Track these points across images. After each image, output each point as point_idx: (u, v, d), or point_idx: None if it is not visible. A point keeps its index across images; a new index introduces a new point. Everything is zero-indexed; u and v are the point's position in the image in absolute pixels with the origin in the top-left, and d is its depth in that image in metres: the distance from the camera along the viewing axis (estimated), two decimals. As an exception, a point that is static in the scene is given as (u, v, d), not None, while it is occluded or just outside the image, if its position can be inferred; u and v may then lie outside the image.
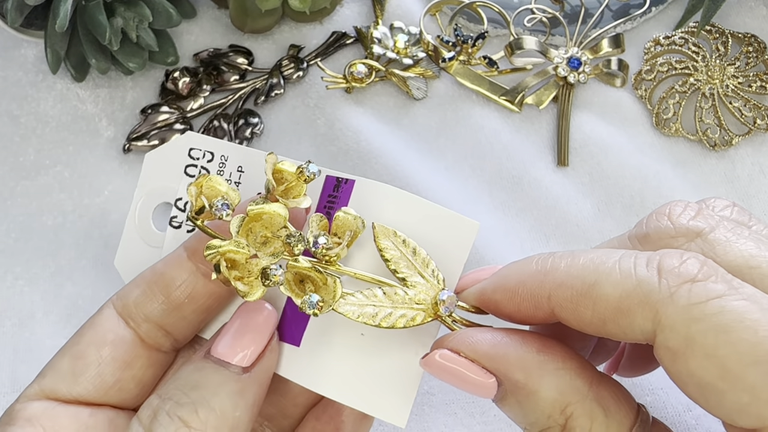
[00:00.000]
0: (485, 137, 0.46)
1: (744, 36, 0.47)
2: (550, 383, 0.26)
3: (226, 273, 0.28)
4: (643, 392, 0.39)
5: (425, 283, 0.29)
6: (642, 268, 0.24)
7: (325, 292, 0.29)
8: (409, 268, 0.30)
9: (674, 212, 0.28)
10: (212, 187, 0.29)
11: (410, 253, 0.30)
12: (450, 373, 0.27)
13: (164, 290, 0.30)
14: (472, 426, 0.39)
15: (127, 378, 0.30)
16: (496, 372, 0.26)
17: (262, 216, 0.28)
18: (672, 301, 0.23)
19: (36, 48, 0.47)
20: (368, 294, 0.29)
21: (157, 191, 0.35)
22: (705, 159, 0.46)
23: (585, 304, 0.25)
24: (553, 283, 0.26)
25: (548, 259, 0.27)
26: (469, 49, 0.47)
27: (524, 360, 0.26)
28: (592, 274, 0.25)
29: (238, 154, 0.34)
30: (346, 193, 0.32)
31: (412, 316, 0.29)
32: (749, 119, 0.46)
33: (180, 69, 0.46)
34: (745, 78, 0.46)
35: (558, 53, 0.47)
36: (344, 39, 0.48)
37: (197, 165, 0.34)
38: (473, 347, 0.27)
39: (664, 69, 0.47)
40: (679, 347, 0.23)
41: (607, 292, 0.24)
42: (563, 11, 0.48)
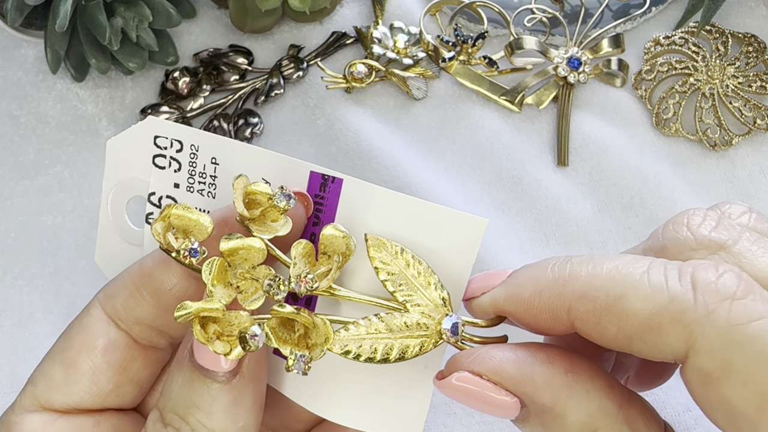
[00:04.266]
0: (485, 137, 0.46)
1: (744, 36, 0.47)
2: (578, 406, 0.24)
3: (201, 336, 0.26)
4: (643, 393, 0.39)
5: (428, 304, 0.27)
6: (675, 282, 0.22)
7: (316, 334, 0.26)
8: (409, 287, 0.27)
9: (693, 222, 0.25)
10: (180, 216, 0.27)
11: (409, 266, 0.27)
12: (470, 396, 0.25)
13: (154, 294, 0.28)
14: (471, 426, 0.39)
15: (124, 382, 0.29)
16: (521, 395, 0.24)
17: (238, 252, 0.26)
18: (709, 321, 0.21)
19: (36, 48, 0.47)
20: (365, 324, 0.27)
21: (127, 183, 0.32)
22: (705, 159, 0.46)
23: (609, 319, 0.23)
24: (574, 294, 0.24)
25: (566, 265, 0.24)
26: (469, 49, 0.47)
27: (552, 382, 0.24)
28: (618, 286, 0.23)
29: (210, 144, 0.31)
30: (335, 194, 0.29)
31: (416, 344, 0.27)
32: (749, 119, 0.46)
33: (180, 69, 0.46)
34: (745, 78, 0.46)
35: (558, 53, 0.47)
36: (344, 39, 0.48)
37: (166, 156, 0.31)
38: (497, 370, 0.25)
39: (664, 69, 0.47)
40: (714, 372, 0.21)
41: (636, 308, 0.22)
42: (563, 11, 0.48)
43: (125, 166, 0.32)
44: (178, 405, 0.27)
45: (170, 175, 0.31)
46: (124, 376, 0.29)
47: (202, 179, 0.31)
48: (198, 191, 0.31)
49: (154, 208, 0.32)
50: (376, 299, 0.27)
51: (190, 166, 0.31)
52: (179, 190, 0.31)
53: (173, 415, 0.27)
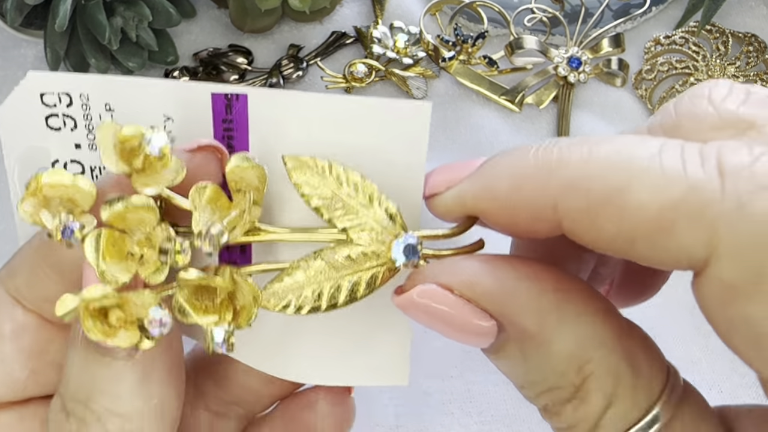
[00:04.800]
0: (485, 137, 0.46)
1: (744, 36, 0.47)
2: (568, 333, 0.19)
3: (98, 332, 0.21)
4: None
5: (374, 226, 0.22)
6: (695, 166, 0.17)
7: (241, 295, 0.22)
8: (346, 209, 0.22)
9: (717, 95, 0.20)
10: (54, 186, 0.22)
11: (341, 184, 0.22)
12: (435, 316, 0.21)
13: (57, 267, 0.24)
14: (469, 426, 0.39)
15: (43, 367, 0.25)
16: (500, 316, 0.20)
17: (126, 217, 0.22)
18: (741, 217, 0.16)
19: (35, 47, 0.47)
20: (302, 266, 0.22)
21: (28, 156, 0.28)
22: (705, 159, 0.46)
23: (607, 216, 0.18)
24: (562, 185, 0.19)
25: (552, 149, 0.19)
26: (469, 48, 0.47)
27: (538, 301, 0.20)
28: (620, 173, 0.18)
29: (98, 89, 0.26)
30: (242, 113, 0.24)
31: (369, 278, 0.22)
32: (750, 119, 0.45)
33: (179, 68, 0.46)
34: (746, 78, 0.46)
35: (558, 53, 0.47)
36: (344, 39, 0.48)
37: (58, 114, 0.26)
38: (471, 283, 0.20)
39: (664, 69, 0.47)
40: (742, 283, 0.16)
41: (643, 200, 0.17)
42: (563, 11, 0.48)
43: (22, 135, 0.27)
44: (78, 391, 0.23)
45: (68, 136, 0.27)
46: (41, 360, 0.25)
47: None
48: None
49: None
50: (310, 234, 0.23)
51: (86, 120, 0.26)
52: (81, 150, 0.27)
53: (75, 403, 0.23)
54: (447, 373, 0.40)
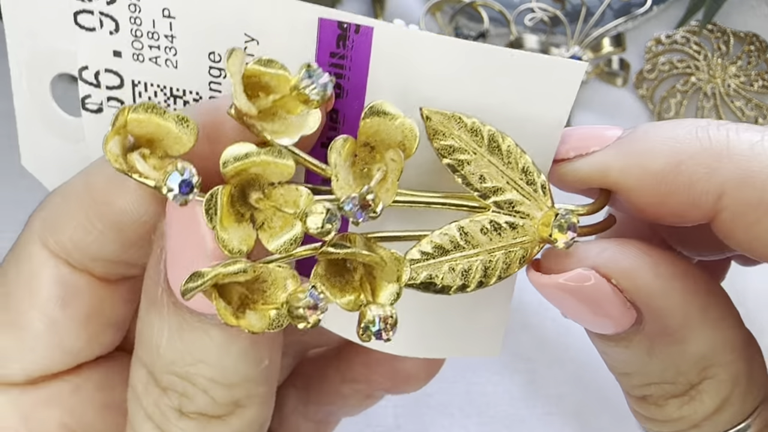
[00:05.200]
0: (486, 136, 0.45)
1: (745, 35, 0.47)
2: (705, 336, 0.19)
3: (229, 315, 0.18)
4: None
5: (524, 199, 0.20)
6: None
7: (382, 272, 0.19)
8: (493, 177, 0.19)
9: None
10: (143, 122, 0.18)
11: (488, 147, 0.19)
12: (582, 299, 0.19)
13: (114, 226, 0.21)
14: (468, 426, 0.39)
15: (97, 331, 0.23)
16: (648, 310, 0.19)
17: (249, 170, 0.18)
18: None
19: (35, 47, 0.47)
20: (443, 241, 0.19)
21: (44, 57, 0.23)
22: (706, 159, 0.46)
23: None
24: (733, 175, 0.17)
25: (723, 131, 0.18)
26: (469, 48, 0.46)
27: (691, 301, 0.19)
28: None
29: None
30: (362, 51, 0.20)
31: (516, 255, 0.20)
32: (751, 118, 0.45)
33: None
34: (747, 77, 0.46)
35: (559, 52, 0.46)
36: (344, 38, 0.48)
37: (93, 11, 0.21)
38: (633, 276, 0.19)
39: (665, 68, 0.47)
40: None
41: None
42: (564, 10, 0.47)
43: (37, 31, 0.22)
44: (174, 362, 0.20)
45: (105, 39, 0.22)
46: (94, 325, 0.23)
47: (153, 41, 0.22)
48: (151, 59, 0.22)
49: (92, 89, 0.23)
50: (459, 199, 0.20)
51: (133, 24, 0.22)
52: (122, 60, 0.22)
53: (172, 376, 0.20)
54: (447, 374, 0.40)
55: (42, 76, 0.23)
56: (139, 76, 0.22)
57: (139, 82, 0.22)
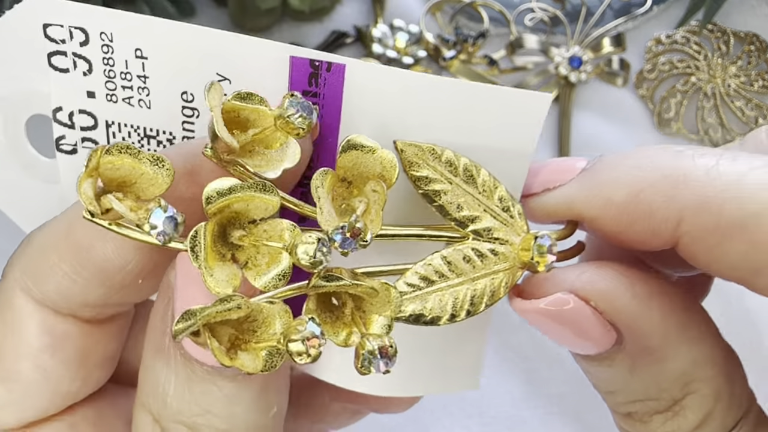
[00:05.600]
0: (486, 136, 0.45)
1: (746, 35, 0.47)
2: (685, 353, 0.19)
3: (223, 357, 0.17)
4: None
5: (501, 226, 0.20)
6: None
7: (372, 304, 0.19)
8: (470, 206, 0.19)
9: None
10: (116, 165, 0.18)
11: (465, 177, 0.19)
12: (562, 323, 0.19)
13: (99, 274, 0.20)
14: (470, 427, 0.39)
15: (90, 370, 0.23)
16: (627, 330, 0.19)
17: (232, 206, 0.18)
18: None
19: (35, 46, 0.47)
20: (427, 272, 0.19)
21: (18, 99, 0.23)
22: (706, 159, 0.46)
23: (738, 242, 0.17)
24: (691, 202, 0.17)
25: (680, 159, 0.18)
26: (469, 47, 0.46)
27: (669, 320, 0.19)
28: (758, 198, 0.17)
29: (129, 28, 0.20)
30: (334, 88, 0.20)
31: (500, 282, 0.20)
32: (751, 118, 0.45)
33: (179, 68, 0.46)
34: (747, 77, 0.46)
35: (559, 52, 0.46)
36: (344, 38, 0.48)
37: (66, 53, 0.21)
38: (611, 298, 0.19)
39: (665, 68, 0.47)
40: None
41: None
42: (564, 10, 0.47)
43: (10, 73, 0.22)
44: (182, 413, 0.20)
45: (78, 80, 0.22)
46: (85, 366, 0.22)
47: (126, 82, 0.21)
48: (124, 100, 0.22)
49: (66, 130, 0.22)
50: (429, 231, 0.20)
51: (106, 65, 0.21)
52: (96, 100, 0.22)
53: (178, 426, 0.20)
54: (447, 374, 0.40)
55: (18, 116, 0.23)
56: (113, 117, 0.22)
57: (113, 123, 0.22)
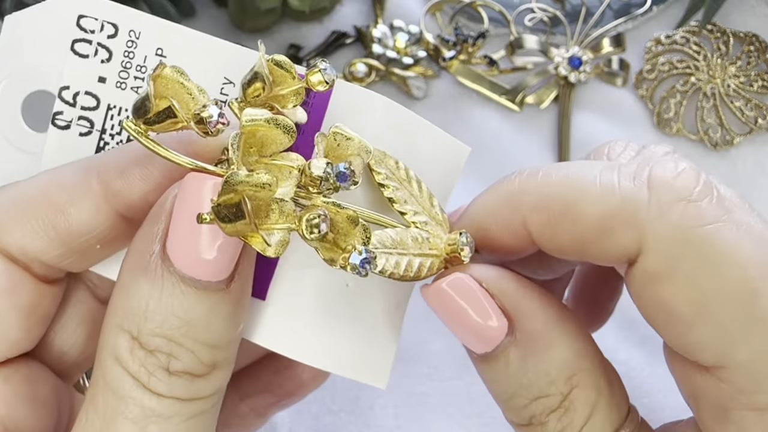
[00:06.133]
0: (486, 137, 0.45)
1: (745, 35, 0.47)
2: (566, 343, 0.23)
3: (248, 223, 0.20)
4: (641, 394, 0.39)
5: (435, 223, 0.25)
6: (627, 181, 0.22)
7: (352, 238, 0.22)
8: (415, 205, 0.24)
9: (614, 151, 0.25)
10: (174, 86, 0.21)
11: (414, 188, 0.24)
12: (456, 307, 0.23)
13: (66, 236, 0.23)
14: (469, 428, 0.39)
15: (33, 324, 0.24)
16: (516, 315, 0.23)
17: (257, 134, 0.21)
18: (662, 222, 0.21)
19: (35, 47, 0.47)
20: (383, 238, 0.23)
21: (28, 72, 0.25)
22: (706, 158, 0.46)
23: (564, 227, 0.22)
24: (527, 206, 0.23)
25: (515, 180, 0.24)
26: (469, 48, 0.47)
27: (548, 310, 0.23)
28: (569, 192, 0.22)
29: (157, 30, 0.24)
30: (323, 99, 0.24)
31: (428, 264, 0.24)
32: (750, 119, 0.45)
33: (179, 68, 0.46)
34: (747, 77, 0.46)
35: (559, 52, 0.46)
36: (344, 38, 0.48)
37: (92, 41, 0.24)
38: (499, 280, 0.23)
39: (665, 68, 0.47)
40: (660, 271, 0.21)
41: (588, 212, 0.22)
42: (564, 10, 0.48)
43: (30, 51, 0.25)
44: (163, 326, 0.22)
45: (95, 66, 0.25)
46: (32, 318, 0.24)
47: (140, 74, 0.25)
48: (132, 88, 0.25)
49: (66, 107, 0.25)
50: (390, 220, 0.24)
51: (126, 57, 0.24)
52: (105, 85, 0.25)
53: (159, 339, 0.22)
54: (447, 375, 0.40)
55: (21, 90, 0.25)
56: (117, 102, 0.25)
57: (115, 107, 0.25)
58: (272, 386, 0.30)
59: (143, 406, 0.22)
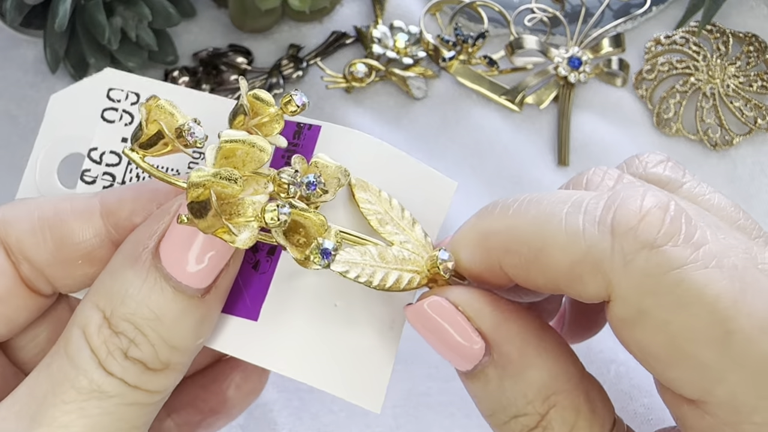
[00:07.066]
0: (485, 137, 0.45)
1: (745, 36, 0.47)
2: (543, 365, 0.23)
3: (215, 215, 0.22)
4: (641, 394, 0.39)
5: (416, 243, 0.26)
6: (592, 228, 0.21)
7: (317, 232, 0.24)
8: (396, 227, 0.26)
9: (592, 182, 0.25)
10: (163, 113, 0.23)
11: (395, 211, 0.26)
12: (436, 326, 0.24)
13: (58, 240, 0.25)
14: (469, 428, 0.39)
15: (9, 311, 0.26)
16: (492, 338, 0.23)
17: (236, 151, 0.23)
18: (626, 271, 0.21)
19: (35, 48, 0.47)
20: (362, 251, 0.25)
21: (65, 140, 0.29)
22: (706, 159, 0.46)
23: (536, 271, 0.22)
24: (499, 248, 0.23)
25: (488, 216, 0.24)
26: (469, 48, 0.47)
27: (525, 332, 0.23)
28: (536, 238, 0.22)
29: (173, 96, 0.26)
30: (310, 141, 0.27)
31: (408, 278, 0.25)
32: (750, 119, 0.45)
33: (179, 68, 0.46)
34: (746, 77, 0.46)
35: (558, 53, 0.47)
36: (344, 38, 0.48)
37: (118, 109, 0.28)
38: (475, 303, 0.24)
39: (664, 68, 0.47)
40: (630, 318, 0.21)
41: (556, 259, 0.22)
42: (564, 10, 0.48)
43: (68, 123, 0.29)
44: (135, 314, 0.23)
45: (119, 129, 0.28)
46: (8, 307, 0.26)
47: None
48: None
49: (94, 165, 0.28)
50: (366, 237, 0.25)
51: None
52: (125, 144, 0.28)
53: (127, 324, 0.23)
54: (447, 374, 0.40)
55: (57, 154, 0.29)
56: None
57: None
58: (198, 401, 0.31)
59: (92, 379, 0.23)
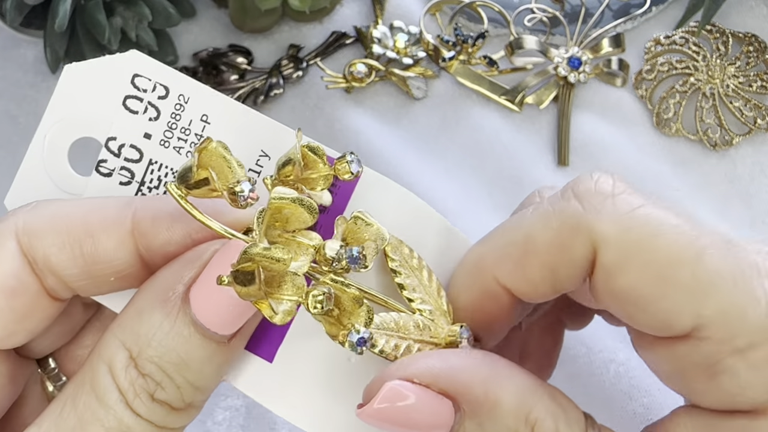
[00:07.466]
0: (485, 137, 0.45)
1: (744, 36, 0.47)
2: (508, 388, 0.24)
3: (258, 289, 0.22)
4: (641, 394, 0.39)
5: (439, 315, 0.26)
6: (559, 203, 0.24)
7: (355, 318, 0.24)
8: (423, 296, 0.26)
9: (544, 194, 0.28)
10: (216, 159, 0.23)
11: (424, 277, 0.26)
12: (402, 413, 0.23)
13: (89, 257, 0.25)
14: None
15: (20, 329, 0.25)
16: (456, 392, 0.24)
17: (284, 210, 0.23)
18: (602, 216, 0.23)
19: (35, 48, 0.47)
20: (387, 320, 0.25)
21: (79, 120, 0.27)
22: (706, 159, 0.46)
23: (530, 261, 0.25)
24: (492, 263, 0.26)
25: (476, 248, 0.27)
26: (469, 48, 0.47)
27: (479, 370, 0.24)
28: (519, 234, 0.25)
29: (203, 97, 0.26)
30: (350, 186, 0.26)
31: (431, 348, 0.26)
32: (750, 119, 0.45)
33: (179, 68, 0.46)
34: (746, 78, 0.46)
35: (558, 53, 0.47)
36: (344, 39, 0.48)
37: (143, 99, 0.26)
38: (427, 369, 0.24)
39: (664, 69, 0.47)
40: (617, 260, 0.23)
41: (543, 238, 0.24)
42: (563, 11, 0.48)
43: (83, 102, 0.27)
44: (162, 357, 0.24)
45: (142, 123, 0.27)
46: (23, 324, 0.25)
47: (184, 135, 0.27)
48: (175, 148, 0.27)
49: (111, 156, 0.27)
50: (398, 304, 0.26)
51: (173, 118, 0.27)
52: (149, 141, 0.27)
53: (154, 366, 0.24)
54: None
55: (68, 135, 0.27)
56: (158, 158, 0.27)
57: (156, 162, 0.27)
58: None
59: (121, 420, 0.23)
